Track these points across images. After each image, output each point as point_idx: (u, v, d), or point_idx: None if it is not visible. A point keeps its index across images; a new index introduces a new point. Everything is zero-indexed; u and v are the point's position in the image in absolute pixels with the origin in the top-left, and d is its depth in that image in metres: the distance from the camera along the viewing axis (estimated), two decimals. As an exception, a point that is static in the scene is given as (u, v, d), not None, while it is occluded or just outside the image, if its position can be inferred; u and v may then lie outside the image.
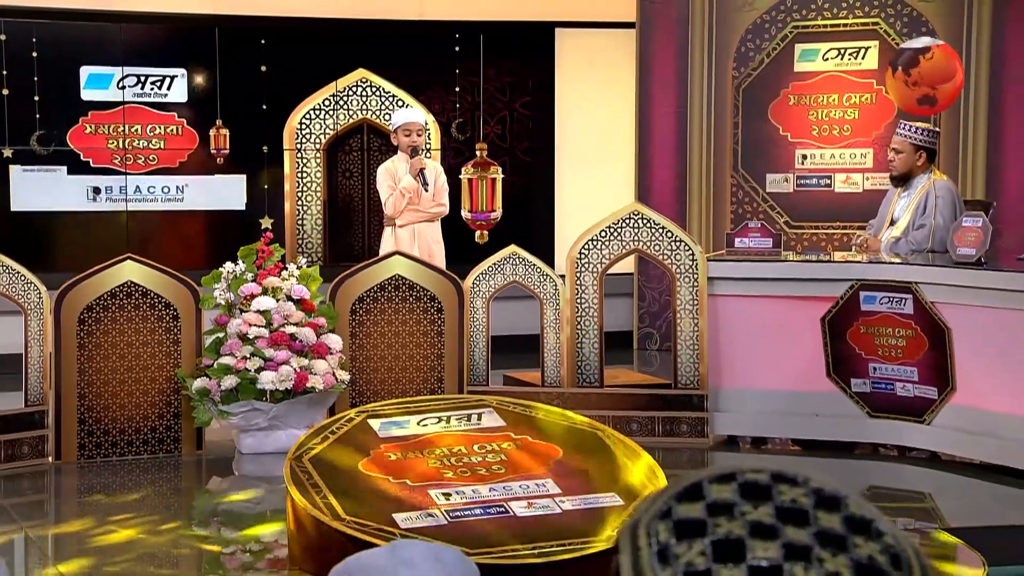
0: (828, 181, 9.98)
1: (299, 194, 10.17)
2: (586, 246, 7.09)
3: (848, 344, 6.83)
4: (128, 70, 10.28)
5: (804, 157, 10.03)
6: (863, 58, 9.78)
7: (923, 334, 6.59)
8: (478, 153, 9.89)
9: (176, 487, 6.50)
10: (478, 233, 9.46)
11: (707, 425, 7.00)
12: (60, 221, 10.29)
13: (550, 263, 8.09)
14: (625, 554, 0.95)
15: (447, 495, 4.71)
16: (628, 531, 0.97)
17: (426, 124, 9.82)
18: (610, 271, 7.21)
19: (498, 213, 9.62)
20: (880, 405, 6.80)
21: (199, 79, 10.43)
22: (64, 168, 10.20)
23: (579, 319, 7.07)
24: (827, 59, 9.91)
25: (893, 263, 6.95)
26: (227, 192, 10.50)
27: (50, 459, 6.53)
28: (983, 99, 9.45)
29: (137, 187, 10.35)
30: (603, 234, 7.08)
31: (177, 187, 10.41)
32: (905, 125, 7.53)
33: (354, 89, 10.18)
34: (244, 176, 10.51)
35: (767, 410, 7.01)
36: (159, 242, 10.35)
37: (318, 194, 10.18)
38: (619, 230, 7.07)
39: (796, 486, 0.95)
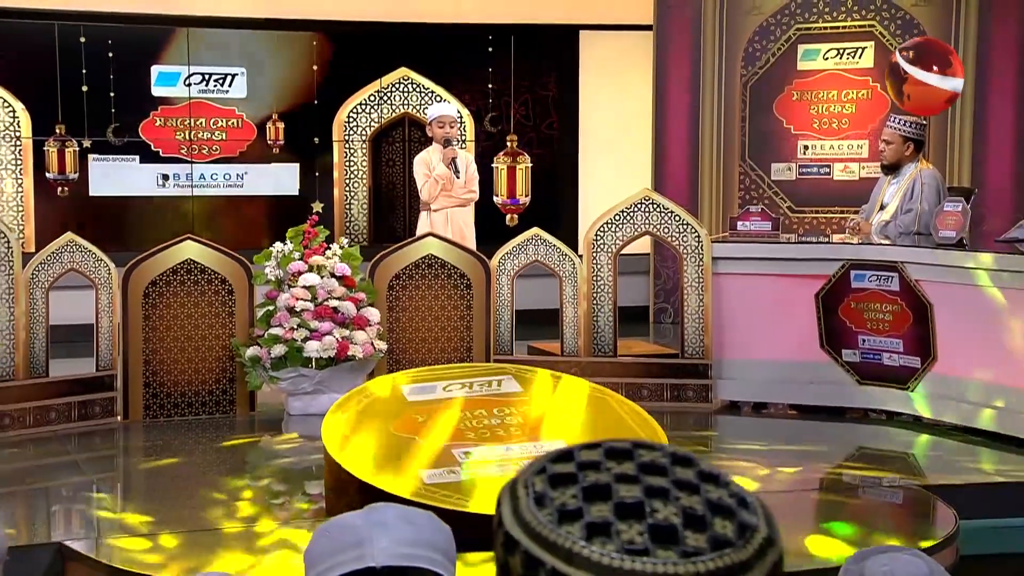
0: (827, 170, 9.92)
1: (347, 181, 10.19)
2: (601, 228, 7.07)
3: (840, 318, 6.80)
4: (193, 69, 10.32)
5: (806, 148, 9.96)
6: (860, 57, 9.70)
7: (908, 309, 6.55)
8: (509, 144, 9.89)
9: (231, 444, 6.53)
10: (509, 216, 9.47)
11: (711, 391, 6.98)
12: (133, 205, 10.36)
13: (575, 244, 8.07)
14: (506, 504, 0.97)
15: (468, 453, 4.72)
16: (508, 487, 0.99)
17: (461, 117, 9.82)
18: (629, 251, 7.18)
19: (527, 198, 9.61)
20: (869, 373, 6.76)
21: (257, 77, 10.46)
22: (136, 157, 10.26)
23: (595, 295, 7.05)
24: (827, 58, 9.84)
25: (881, 244, 6.91)
26: (282, 179, 10.54)
27: (118, 418, 6.58)
28: (969, 93, 9.35)
29: (201, 174, 10.40)
30: (617, 218, 7.06)
31: (237, 174, 10.45)
32: (895, 118, 7.46)
33: (397, 86, 10.18)
34: (297, 164, 10.55)
35: (766, 378, 6.98)
36: (221, 224, 10.40)
37: (364, 181, 10.19)
38: (632, 214, 7.05)
39: (654, 451, 0.98)
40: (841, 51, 9.78)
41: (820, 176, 9.93)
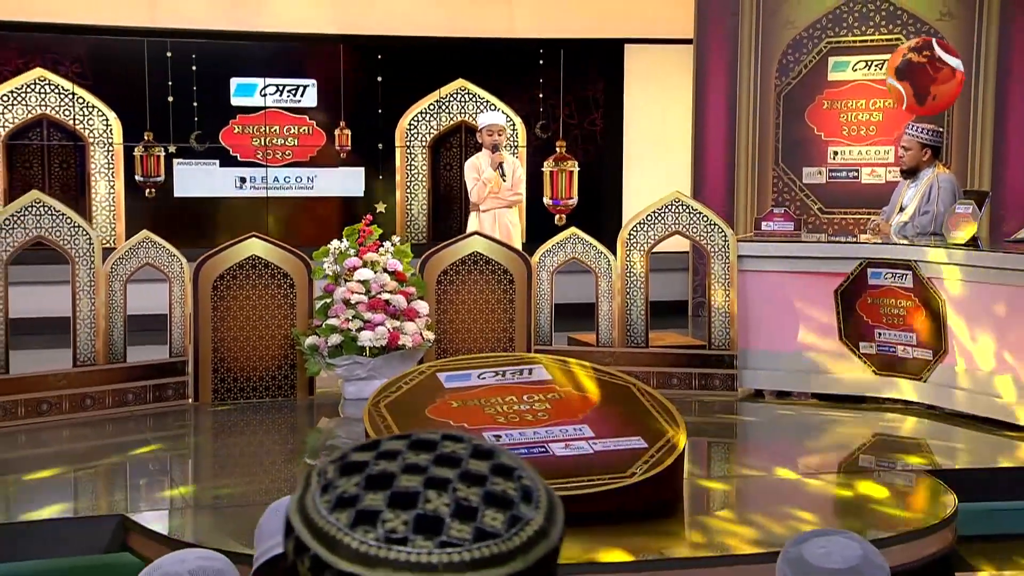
0: (856, 174, 9.79)
1: (408, 184, 10.21)
2: (635, 228, 7.02)
3: (857, 313, 6.71)
4: (269, 80, 10.42)
5: (835, 153, 9.84)
6: (887, 69, 9.56)
7: (921, 305, 6.46)
8: (557, 149, 9.85)
9: (292, 425, 6.58)
10: (557, 216, 9.44)
11: (736, 380, 6.92)
12: (213, 205, 10.49)
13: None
14: (297, 490, 0.94)
15: (498, 437, 4.71)
16: (305, 473, 0.96)
17: (514, 124, 9.81)
18: (671, 249, 7.10)
19: (574, 200, 9.58)
20: (884, 365, 6.67)
21: (327, 88, 10.53)
22: (217, 161, 10.39)
23: (628, 290, 7.02)
24: (856, 70, 9.71)
25: (896, 244, 6.82)
26: (349, 182, 10.61)
27: (189, 400, 6.65)
28: (990, 100, 9.21)
29: (276, 177, 10.49)
30: (649, 218, 7.01)
31: (308, 177, 10.54)
32: (913, 126, 7.34)
33: (455, 96, 10.19)
34: (363, 168, 10.61)
35: (788, 368, 6.92)
36: (293, 222, 10.50)
37: (423, 184, 10.21)
38: (663, 215, 7.00)
39: (460, 443, 0.93)
40: (869, 63, 9.65)
41: (849, 180, 9.80)
